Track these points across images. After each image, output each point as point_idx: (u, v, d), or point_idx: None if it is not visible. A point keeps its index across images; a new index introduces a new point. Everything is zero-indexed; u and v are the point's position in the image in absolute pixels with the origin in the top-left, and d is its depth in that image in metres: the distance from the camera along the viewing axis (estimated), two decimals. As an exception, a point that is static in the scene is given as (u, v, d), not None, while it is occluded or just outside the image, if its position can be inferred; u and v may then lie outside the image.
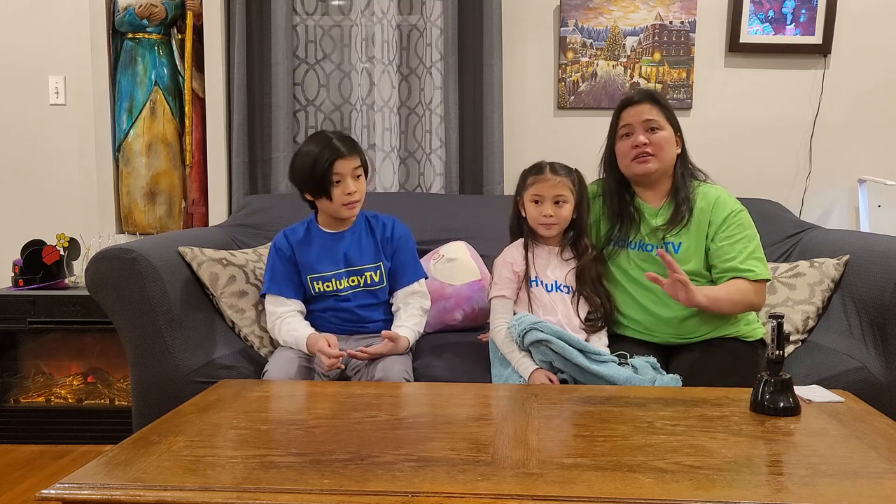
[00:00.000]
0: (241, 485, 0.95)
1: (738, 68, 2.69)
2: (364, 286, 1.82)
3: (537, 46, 2.71)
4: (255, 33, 2.68)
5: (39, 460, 2.29)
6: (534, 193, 1.71)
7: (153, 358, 1.74)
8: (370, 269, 1.82)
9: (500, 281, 1.75)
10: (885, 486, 0.96)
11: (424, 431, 1.17)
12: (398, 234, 1.86)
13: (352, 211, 1.79)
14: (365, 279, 1.82)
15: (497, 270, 1.77)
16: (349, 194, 1.75)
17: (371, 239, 1.85)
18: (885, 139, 2.69)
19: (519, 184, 1.78)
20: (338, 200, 1.75)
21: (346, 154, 1.73)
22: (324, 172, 1.71)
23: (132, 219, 2.70)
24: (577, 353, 1.55)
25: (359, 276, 1.82)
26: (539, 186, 1.71)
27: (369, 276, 1.82)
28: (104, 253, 1.75)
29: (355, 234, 1.84)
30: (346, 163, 1.73)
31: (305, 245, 1.82)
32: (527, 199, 1.74)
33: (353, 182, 1.75)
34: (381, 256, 1.84)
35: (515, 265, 1.74)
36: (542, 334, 1.57)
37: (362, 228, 1.85)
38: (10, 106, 2.79)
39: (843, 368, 1.71)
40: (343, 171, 1.73)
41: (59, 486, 0.96)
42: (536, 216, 1.72)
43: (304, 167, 1.74)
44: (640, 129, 1.72)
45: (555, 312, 1.70)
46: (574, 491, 0.93)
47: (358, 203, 1.79)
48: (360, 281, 1.82)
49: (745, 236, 1.70)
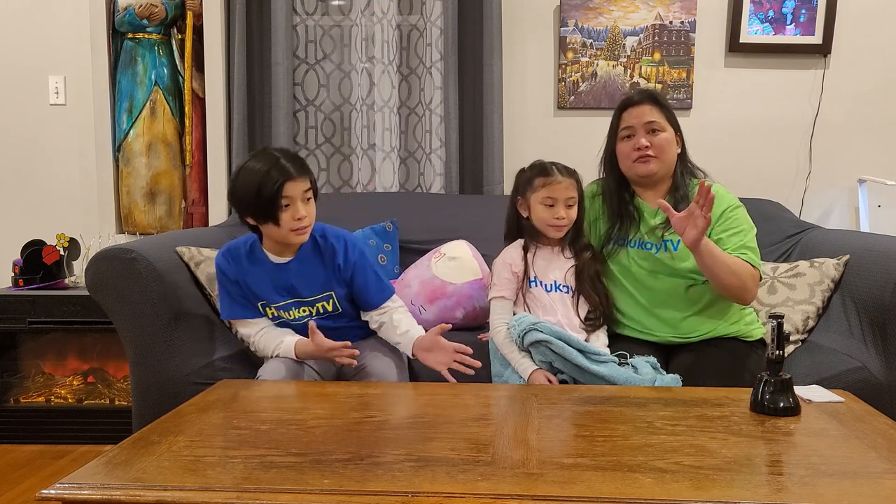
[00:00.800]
0: (241, 485, 0.95)
1: (738, 68, 2.69)
2: (317, 315, 1.69)
3: (537, 46, 2.71)
4: (255, 33, 2.68)
5: (39, 460, 2.29)
6: (546, 196, 1.69)
7: (153, 358, 1.74)
8: (321, 299, 1.68)
9: (500, 282, 1.74)
10: (885, 486, 0.96)
11: (424, 431, 1.17)
12: (351, 259, 1.68)
13: (301, 237, 1.61)
14: (317, 309, 1.69)
15: (496, 271, 1.77)
16: (299, 219, 1.57)
17: (320, 266, 1.68)
18: (885, 139, 2.69)
19: (520, 184, 1.76)
20: (286, 226, 1.57)
21: (296, 175, 1.56)
22: (272, 195, 1.53)
23: (132, 219, 2.70)
24: (577, 354, 1.55)
25: (309, 307, 1.68)
26: (552, 189, 1.69)
27: (320, 307, 1.69)
28: (104, 253, 1.75)
29: (302, 262, 1.67)
30: (296, 185, 1.56)
31: (249, 270, 1.66)
32: (535, 201, 1.72)
33: (303, 206, 1.57)
34: (331, 285, 1.68)
35: (514, 266, 1.74)
36: (542, 335, 1.57)
37: (310, 254, 1.68)
38: (10, 106, 2.79)
39: (843, 368, 1.71)
40: (293, 195, 1.55)
41: (59, 486, 0.96)
42: (548, 218, 1.70)
43: (249, 189, 1.54)
44: (642, 131, 1.72)
45: (554, 312, 1.70)
46: (574, 491, 0.93)
47: (308, 228, 1.62)
48: (311, 311, 1.69)
49: (741, 230, 1.70)
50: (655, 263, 1.75)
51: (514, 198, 1.79)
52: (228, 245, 1.70)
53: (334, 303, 1.69)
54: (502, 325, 1.69)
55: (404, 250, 2.37)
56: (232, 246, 1.69)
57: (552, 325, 1.62)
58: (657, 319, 1.75)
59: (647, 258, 1.76)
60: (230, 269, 1.66)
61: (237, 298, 1.68)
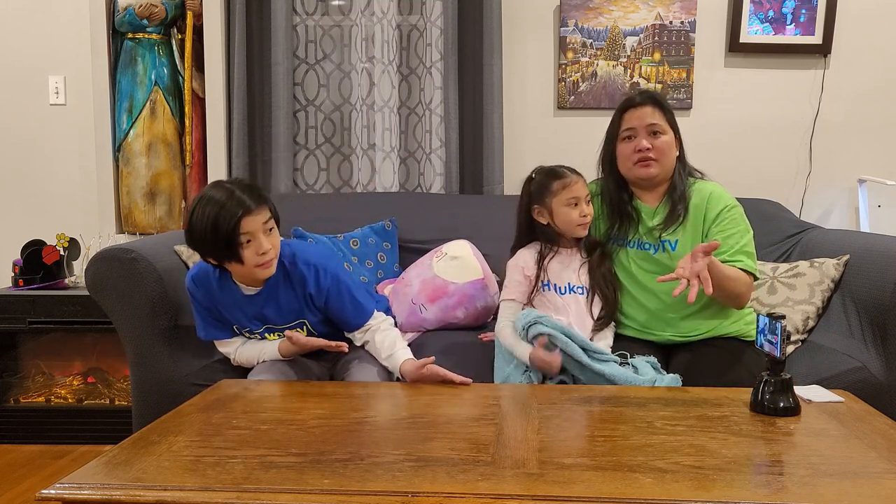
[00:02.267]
0: (241, 485, 0.95)
1: (738, 68, 2.69)
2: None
3: (537, 46, 2.71)
4: (255, 33, 2.68)
5: (39, 460, 2.29)
6: (569, 197, 1.70)
7: (153, 358, 1.74)
8: (293, 326, 1.63)
9: (511, 284, 1.75)
10: (885, 486, 0.96)
11: (424, 431, 1.17)
12: (324, 287, 1.60)
13: (267, 271, 1.52)
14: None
15: (509, 274, 1.76)
16: (263, 254, 1.47)
17: (291, 294, 1.60)
18: (885, 139, 2.69)
19: (533, 192, 1.74)
20: (250, 262, 1.47)
21: (254, 208, 1.44)
22: (229, 234, 1.42)
23: (132, 219, 2.70)
24: (580, 350, 1.55)
25: (281, 334, 1.63)
26: (572, 189, 1.70)
27: (296, 332, 1.63)
28: (104, 253, 1.75)
29: (271, 291, 1.59)
30: (254, 219, 1.45)
31: (219, 297, 1.60)
32: (558, 205, 1.71)
33: (265, 239, 1.47)
34: (304, 313, 1.62)
35: (527, 269, 1.74)
36: (545, 328, 1.57)
37: (279, 282, 1.59)
38: (10, 106, 2.79)
39: (843, 368, 1.71)
40: (253, 229, 1.45)
41: (59, 486, 0.96)
42: (575, 218, 1.70)
43: (205, 230, 1.43)
44: (644, 133, 1.72)
45: (567, 314, 1.71)
46: (574, 491, 0.93)
47: (273, 261, 1.52)
48: (283, 336, 1.63)
49: (737, 231, 1.70)
50: (654, 264, 1.75)
51: (527, 206, 1.76)
52: (198, 267, 1.60)
53: (308, 329, 1.65)
54: (508, 323, 1.69)
55: (404, 250, 2.37)
56: (201, 270, 1.60)
57: (557, 321, 1.62)
58: (657, 319, 1.75)
59: (646, 258, 1.76)
60: (200, 294, 1.60)
61: (210, 321, 1.64)
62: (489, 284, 2.15)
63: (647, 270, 1.76)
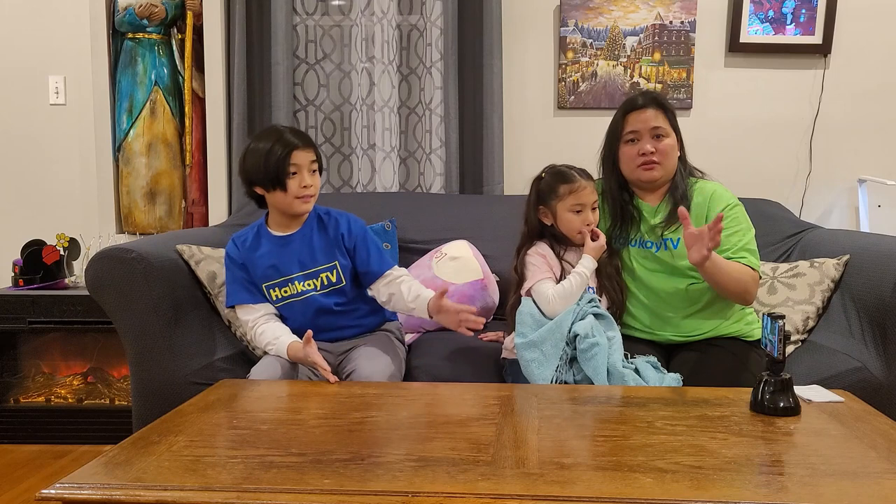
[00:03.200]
0: (241, 485, 0.95)
1: (738, 68, 2.69)
2: (322, 288, 1.72)
3: (537, 46, 2.71)
4: (255, 33, 2.68)
5: (39, 460, 2.29)
6: (574, 203, 1.69)
7: (153, 358, 1.74)
8: (325, 269, 1.72)
9: (541, 267, 1.70)
10: (885, 486, 0.96)
11: (424, 431, 1.17)
12: (354, 230, 1.75)
13: (306, 205, 1.69)
14: (321, 281, 1.72)
15: (532, 262, 1.71)
16: (305, 187, 1.66)
17: (323, 237, 1.74)
18: (886, 139, 2.69)
19: (541, 192, 1.74)
20: (292, 192, 1.65)
21: (303, 146, 1.66)
22: (279, 162, 1.63)
23: (132, 219, 2.70)
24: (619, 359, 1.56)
25: (314, 279, 1.72)
26: (578, 196, 1.68)
27: (325, 277, 1.72)
28: (104, 253, 1.75)
29: (305, 235, 1.74)
30: (303, 154, 1.66)
31: (255, 251, 1.73)
32: (562, 209, 1.70)
33: (309, 176, 1.67)
34: (335, 255, 1.73)
35: (549, 258, 1.72)
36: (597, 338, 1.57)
37: (313, 227, 1.75)
38: (10, 106, 2.79)
39: (843, 368, 1.71)
40: (300, 163, 1.65)
41: (59, 486, 0.96)
42: (578, 225, 1.69)
43: (258, 157, 1.64)
44: (647, 137, 1.71)
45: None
46: (574, 491, 0.93)
47: (312, 198, 1.70)
48: (316, 284, 1.72)
49: (739, 230, 1.70)
50: (656, 262, 1.75)
51: (534, 206, 1.75)
52: (234, 236, 1.78)
53: (338, 273, 1.73)
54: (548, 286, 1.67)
55: (404, 250, 2.36)
56: (240, 234, 1.78)
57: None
58: (658, 319, 1.75)
59: (648, 257, 1.76)
60: (237, 252, 1.73)
61: (242, 283, 1.72)
62: (489, 285, 2.15)
63: (648, 269, 1.76)
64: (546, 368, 1.58)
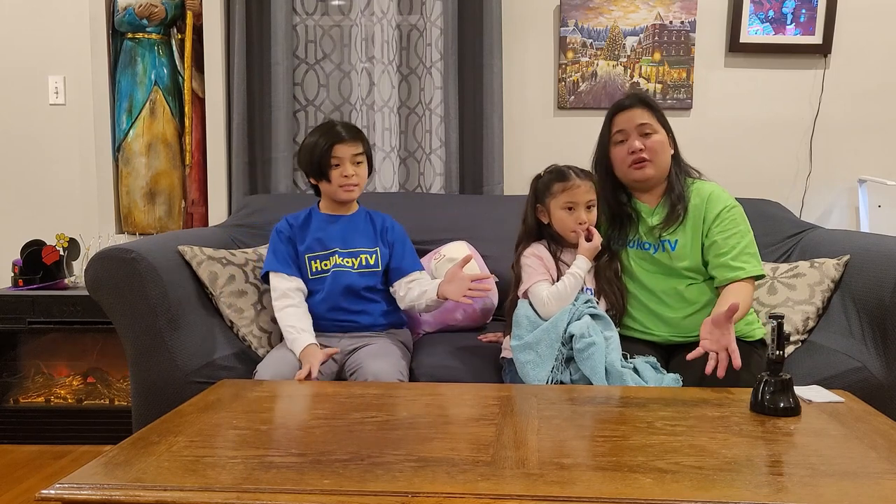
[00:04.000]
0: (241, 485, 0.95)
1: (738, 68, 2.69)
2: (359, 268, 1.85)
3: (537, 46, 2.71)
4: (255, 33, 2.68)
5: (39, 460, 2.29)
6: (567, 201, 1.69)
7: (153, 358, 1.74)
8: (366, 251, 1.87)
9: (537, 269, 1.70)
10: (885, 486, 0.96)
11: (424, 431, 1.17)
12: (397, 228, 1.93)
13: (350, 194, 1.84)
14: (360, 261, 1.86)
15: (528, 264, 1.72)
16: (346, 177, 1.80)
17: (369, 226, 1.91)
18: (886, 139, 2.69)
19: (538, 191, 1.75)
20: (335, 182, 1.81)
21: (347, 139, 1.80)
22: (322, 155, 1.79)
23: (132, 219, 2.70)
24: (618, 359, 1.55)
25: (354, 258, 1.85)
26: (571, 193, 1.69)
27: (364, 258, 1.86)
28: (104, 253, 1.75)
29: (354, 219, 1.90)
30: (345, 147, 1.80)
31: (304, 227, 1.88)
32: (555, 207, 1.71)
33: (351, 167, 1.81)
34: (377, 242, 1.89)
35: (545, 259, 1.72)
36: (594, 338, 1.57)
37: (361, 218, 1.92)
38: (10, 106, 2.79)
39: (843, 368, 1.71)
40: (342, 155, 1.80)
41: (59, 486, 0.96)
42: (570, 224, 1.70)
43: (307, 150, 1.83)
44: (635, 134, 1.72)
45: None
46: (574, 491, 0.93)
47: (356, 188, 1.84)
48: (354, 263, 1.85)
49: (737, 231, 1.70)
50: (654, 263, 1.75)
51: (532, 205, 1.76)
52: (287, 216, 1.92)
53: (377, 257, 1.87)
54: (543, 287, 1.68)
55: (404, 250, 2.36)
56: (293, 214, 1.92)
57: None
58: (658, 319, 1.75)
59: (646, 258, 1.76)
60: (287, 229, 1.87)
61: (283, 255, 1.84)
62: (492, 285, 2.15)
63: (647, 270, 1.76)
64: (541, 370, 1.58)
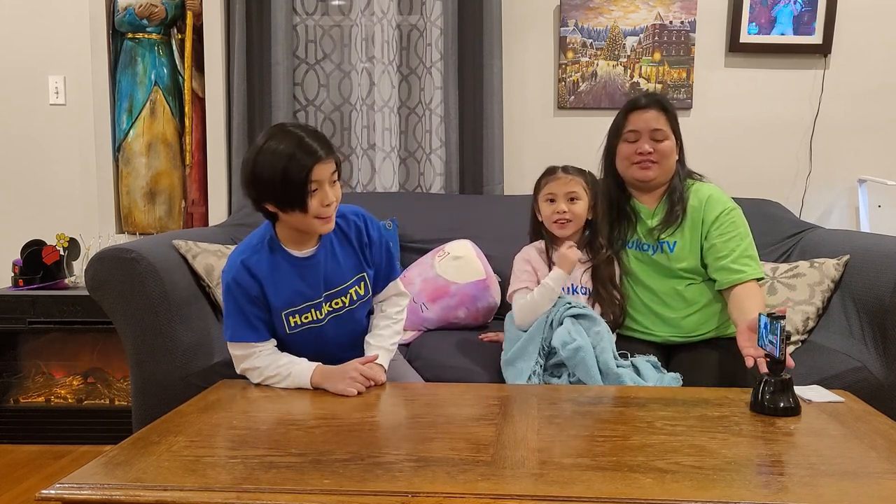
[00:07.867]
0: (241, 485, 0.95)
1: (738, 68, 2.69)
2: (348, 305, 1.55)
3: (537, 46, 2.71)
4: (255, 33, 2.68)
5: (39, 460, 2.29)
6: (547, 193, 1.72)
7: (153, 358, 1.74)
8: (353, 284, 1.55)
9: (522, 275, 1.73)
10: (885, 486, 0.96)
11: (424, 431, 1.17)
12: (375, 236, 1.57)
13: (327, 226, 1.45)
14: (350, 297, 1.55)
15: (516, 267, 1.76)
16: (327, 206, 1.40)
17: (348, 248, 1.55)
18: (886, 139, 2.69)
19: (535, 188, 1.78)
20: (313, 212, 1.40)
21: (324, 157, 1.38)
22: (301, 181, 1.35)
23: (132, 219, 2.70)
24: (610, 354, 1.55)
25: (343, 297, 1.54)
26: (551, 185, 1.71)
27: (354, 293, 1.55)
28: (104, 253, 1.75)
29: (328, 249, 1.51)
30: (324, 168, 1.38)
31: (275, 278, 1.48)
32: (541, 200, 1.74)
33: (330, 190, 1.41)
34: (363, 266, 1.56)
35: (533, 262, 1.74)
36: (579, 309, 1.58)
37: (333, 239, 1.52)
38: (10, 106, 2.79)
39: (843, 368, 1.71)
40: (321, 178, 1.38)
41: (59, 486, 0.96)
42: (550, 214, 1.71)
43: (274, 173, 1.35)
44: (647, 137, 1.72)
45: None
46: (574, 491, 0.93)
47: (332, 217, 1.45)
48: (344, 301, 1.54)
49: (737, 234, 1.70)
50: (653, 264, 1.75)
51: (532, 203, 1.80)
52: (243, 258, 1.48)
53: (366, 285, 1.56)
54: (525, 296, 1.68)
55: (404, 250, 2.37)
56: (246, 252, 1.49)
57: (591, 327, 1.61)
58: (658, 319, 1.75)
59: (645, 259, 1.76)
60: (251, 283, 1.47)
61: (248, 318, 1.48)
62: (491, 285, 2.16)
63: (646, 271, 1.76)
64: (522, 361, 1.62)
